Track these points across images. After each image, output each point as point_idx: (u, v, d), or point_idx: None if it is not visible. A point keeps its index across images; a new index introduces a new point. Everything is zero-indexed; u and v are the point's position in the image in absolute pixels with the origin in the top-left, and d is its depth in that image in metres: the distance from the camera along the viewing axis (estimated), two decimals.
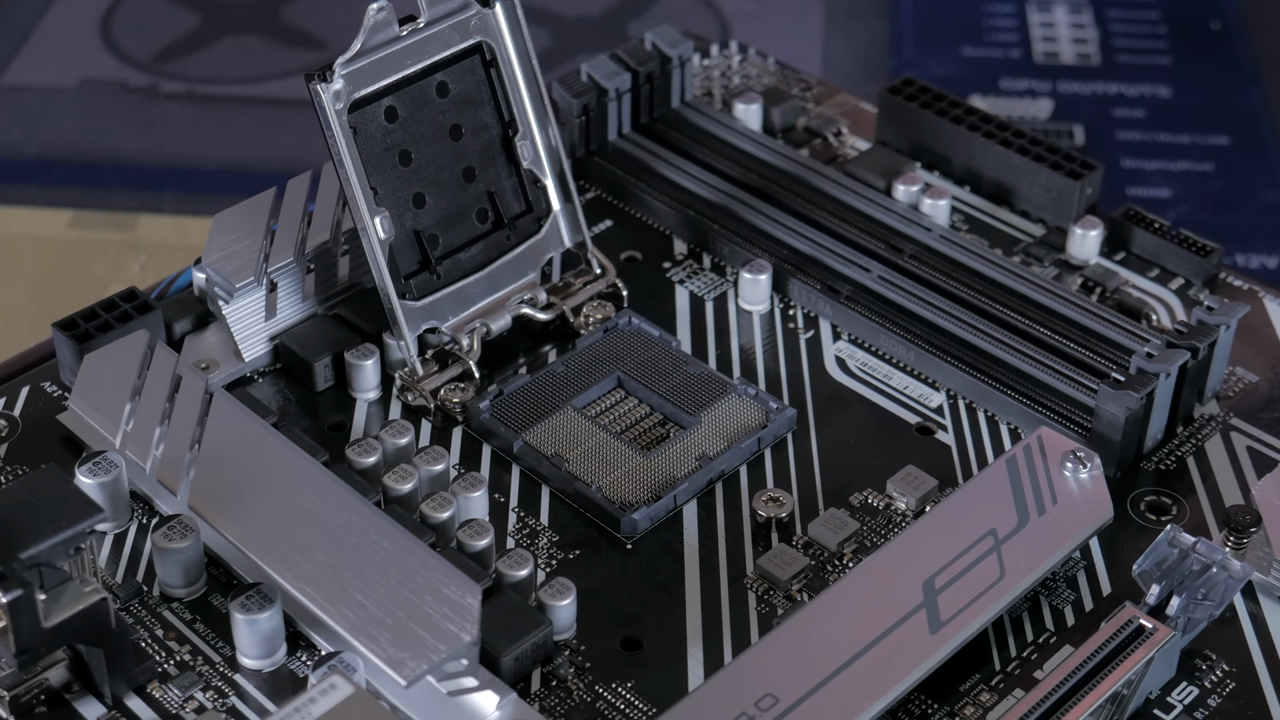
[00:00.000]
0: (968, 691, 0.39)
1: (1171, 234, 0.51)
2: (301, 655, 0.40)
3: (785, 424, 0.46)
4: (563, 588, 0.40)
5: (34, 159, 0.69)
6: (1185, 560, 0.40)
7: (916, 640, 0.38)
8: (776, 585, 0.42)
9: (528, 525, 0.43)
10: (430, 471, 0.43)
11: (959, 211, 0.53)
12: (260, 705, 0.39)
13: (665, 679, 0.40)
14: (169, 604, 0.41)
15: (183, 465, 0.42)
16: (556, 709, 0.39)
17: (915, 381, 0.48)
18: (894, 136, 0.56)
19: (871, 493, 0.44)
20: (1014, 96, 0.72)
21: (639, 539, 0.43)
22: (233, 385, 0.47)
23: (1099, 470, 0.42)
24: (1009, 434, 0.46)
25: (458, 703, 0.38)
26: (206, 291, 0.47)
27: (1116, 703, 0.38)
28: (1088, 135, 0.69)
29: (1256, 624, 0.41)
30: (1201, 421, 0.47)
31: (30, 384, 0.47)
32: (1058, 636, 0.41)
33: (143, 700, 0.39)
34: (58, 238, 0.65)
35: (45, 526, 0.36)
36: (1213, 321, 0.46)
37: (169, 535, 0.41)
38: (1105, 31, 0.76)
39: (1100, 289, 0.50)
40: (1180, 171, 0.67)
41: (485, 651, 0.38)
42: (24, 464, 0.44)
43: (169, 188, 0.68)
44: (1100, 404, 0.44)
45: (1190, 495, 0.45)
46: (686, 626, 0.41)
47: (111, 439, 0.43)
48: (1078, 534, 0.41)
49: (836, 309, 0.49)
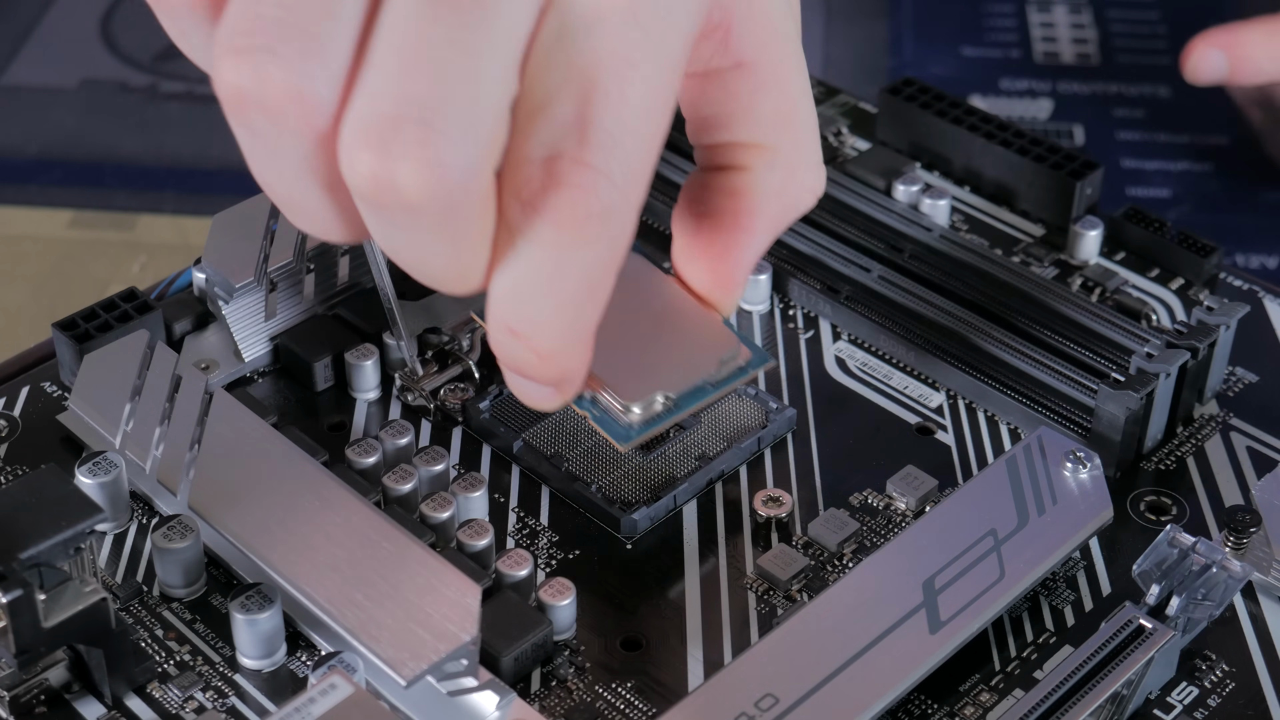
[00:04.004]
0: (968, 691, 0.39)
1: (1171, 234, 0.51)
2: (301, 655, 0.40)
3: (785, 424, 0.46)
4: (563, 588, 0.40)
5: (34, 159, 0.69)
6: (1185, 560, 0.40)
7: (916, 640, 0.38)
8: (776, 585, 0.42)
9: (528, 525, 0.43)
10: (430, 471, 0.43)
11: (959, 211, 0.53)
12: (260, 705, 0.39)
13: (665, 679, 0.40)
14: (169, 604, 0.41)
15: (183, 465, 0.42)
16: (556, 709, 0.39)
17: (915, 381, 0.48)
18: (894, 136, 0.56)
19: (871, 493, 0.44)
20: (1014, 96, 0.72)
21: (639, 539, 0.43)
22: (233, 385, 0.47)
23: (1099, 470, 0.42)
24: (1009, 434, 0.46)
25: (458, 703, 0.38)
26: (206, 291, 0.47)
27: (1116, 703, 0.38)
28: (1088, 135, 0.69)
29: (1256, 624, 0.41)
30: (1201, 421, 0.47)
31: (30, 384, 0.47)
32: (1058, 636, 0.41)
33: (143, 700, 0.39)
34: (58, 238, 0.65)
35: (45, 526, 0.37)
36: (1213, 321, 0.46)
37: (169, 535, 0.41)
38: (1105, 31, 0.76)
39: (1100, 289, 0.50)
40: (1180, 171, 0.67)
41: (485, 651, 0.38)
42: (24, 464, 0.44)
43: (169, 188, 0.68)
44: (1100, 404, 0.44)
45: (1190, 495, 0.45)
46: (686, 626, 0.41)
47: (111, 439, 0.43)
48: (1078, 534, 0.41)
49: (836, 309, 0.49)
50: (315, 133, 0.34)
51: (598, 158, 0.34)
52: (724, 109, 0.41)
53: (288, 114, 0.34)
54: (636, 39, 0.35)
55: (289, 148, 0.34)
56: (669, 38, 0.35)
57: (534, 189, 0.34)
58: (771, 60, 0.40)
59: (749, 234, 0.41)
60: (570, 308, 0.36)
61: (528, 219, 0.35)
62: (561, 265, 0.35)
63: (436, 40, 0.33)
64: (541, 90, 0.35)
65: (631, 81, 0.35)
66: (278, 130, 0.34)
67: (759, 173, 0.41)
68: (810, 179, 0.41)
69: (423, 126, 0.33)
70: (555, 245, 0.35)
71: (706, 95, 0.41)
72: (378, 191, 0.33)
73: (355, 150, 0.33)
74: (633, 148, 0.35)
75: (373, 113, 0.33)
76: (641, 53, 0.35)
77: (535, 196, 0.34)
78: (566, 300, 0.36)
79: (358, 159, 0.33)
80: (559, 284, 0.35)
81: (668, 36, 0.35)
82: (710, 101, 0.40)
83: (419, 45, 0.33)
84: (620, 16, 0.35)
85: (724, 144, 0.41)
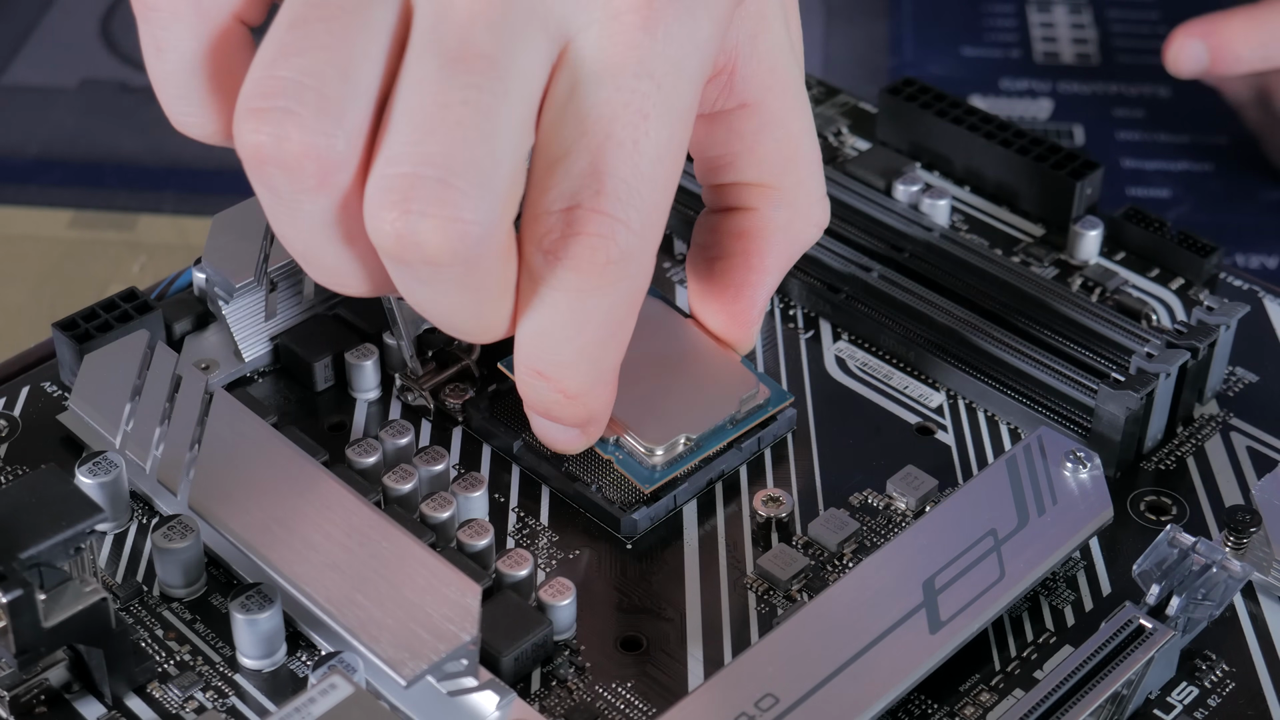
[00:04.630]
0: (968, 691, 0.39)
1: (1171, 234, 0.51)
2: (301, 655, 0.40)
3: (785, 424, 0.46)
4: (563, 588, 0.40)
5: (34, 159, 0.69)
6: (1185, 560, 0.40)
7: (916, 640, 0.38)
8: (776, 585, 0.42)
9: (528, 525, 0.43)
10: (430, 471, 0.43)
11: (959, 211, 0.53)
12: (260, 705, 0.39)
13: (665, 679, 0.40)
14: (169, 604, 0.41)
15: (183, 465, 0.42)
16: (556, 709, 0.39)
17: (915, 381, 0.48)
18: (894, 136, 0.56)
19: (871, 493, 0.44)
20: (1014, 96, 0.72)
21: (639, 539, 0.43)
22: (233, 385, 0.47)
23: (1099, 470, 0.42)
24: (1009, 434, 0.46)
25: (458, 703, 0.38)
26: (206, 291, 0.47)
27: (1116, 703, 0.38)
28: (1088, 135, 0.69)
29: (1256, 624, 0.41)
30: (1201, 421, 0.47)
31: (30, 384, 0.47)
32: (1058, 636, 0.41)
33: (143, 700, 0.39)
34: (58, 238, 0.65)
35: (45, 526, 0.37)
36: (1213, 321, 0.46)
37: (169, 535, 0.41)
38: (1105, 31, 0.76)
39: (1100, 289, 0.50)
40: (1180, 171, 0.67)
41: (485, 651, 0.38)
42: (24, 464, 0.44)
43: (169, 188, 0.68)
44: (1100, 404, 0.44)
45: (1190, 495, 0.45)
46: (686, 626, 0.41)
47: (111, 439, 0.43)
48: (1078, 534, 0.41)
49: (836, 309, 0.49)
50: (336, 190, 0.36)
51: (615, 207, 0.36)
52: (729, 149, 0.42)
53: (306, 171, 0.35)
54: (648, 91, 0.36)
55: (307, 204, 0.36)
56: (680, 87, 0.37)
57: (555, 238, 0.36)
58: (774, 100, 0.41)
59: (759, 274, 0.43)
60: (594, 348, 0.38)
61: (550, 267, 0.36)
62: (584, 309, 0.37)
63: (451, 101, 0.35)
64: (558, 143, 0.36)
65: (645, 132, 0.36)
66: (296, 188, 0.35)
67: (765, 213, 0.43)
68: (815, 214, 0.43)
69: (441, 185, 0.34)
70: (578, 290, 0.37)
71: (712, 136, 0.42)
72: (401, 249, 0.35)
73: (379, 209, 0.35)
74: (648, 194, 0.36)
75: (393, 173, 0.35)
76: (653, 104, 0.36)
77: (556, 245, 0.36)
78: (591, 342, 0.38)
79: (382, 218, 0.35)
80: (583, 327, 0.37)
81: (679, 86, 0.37)
82: (716, 142, 0.42)
83: (435, 106, 0.35)
84: (632, 70, 0.36)
85: (730, 184, 0.43)
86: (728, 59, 0.40)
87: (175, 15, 0.38)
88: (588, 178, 0.36)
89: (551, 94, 0.36)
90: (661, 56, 0.36)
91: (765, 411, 0.44)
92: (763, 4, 0.41)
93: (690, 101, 0.37)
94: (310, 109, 0.35)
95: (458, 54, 0.35)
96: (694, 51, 0.37)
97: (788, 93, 0.42)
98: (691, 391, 0.44)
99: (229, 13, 0.38)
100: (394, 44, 0.36)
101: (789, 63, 0.42)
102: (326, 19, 0.35)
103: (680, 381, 0.44)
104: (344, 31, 0.35)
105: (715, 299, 0.44)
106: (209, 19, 0.38)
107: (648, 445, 0.42)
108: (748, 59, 0.40)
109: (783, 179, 0.42)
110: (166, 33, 0.38)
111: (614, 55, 0.36)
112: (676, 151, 0.37)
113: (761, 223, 0.43)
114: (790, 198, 0.42)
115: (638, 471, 0.42)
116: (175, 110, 0.39)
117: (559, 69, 0.36)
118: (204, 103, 0.38)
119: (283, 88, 0.35)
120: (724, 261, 0.43)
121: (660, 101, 0.36)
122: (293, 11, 0.36)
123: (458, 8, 0.35)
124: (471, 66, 0.35)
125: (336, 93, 0.35)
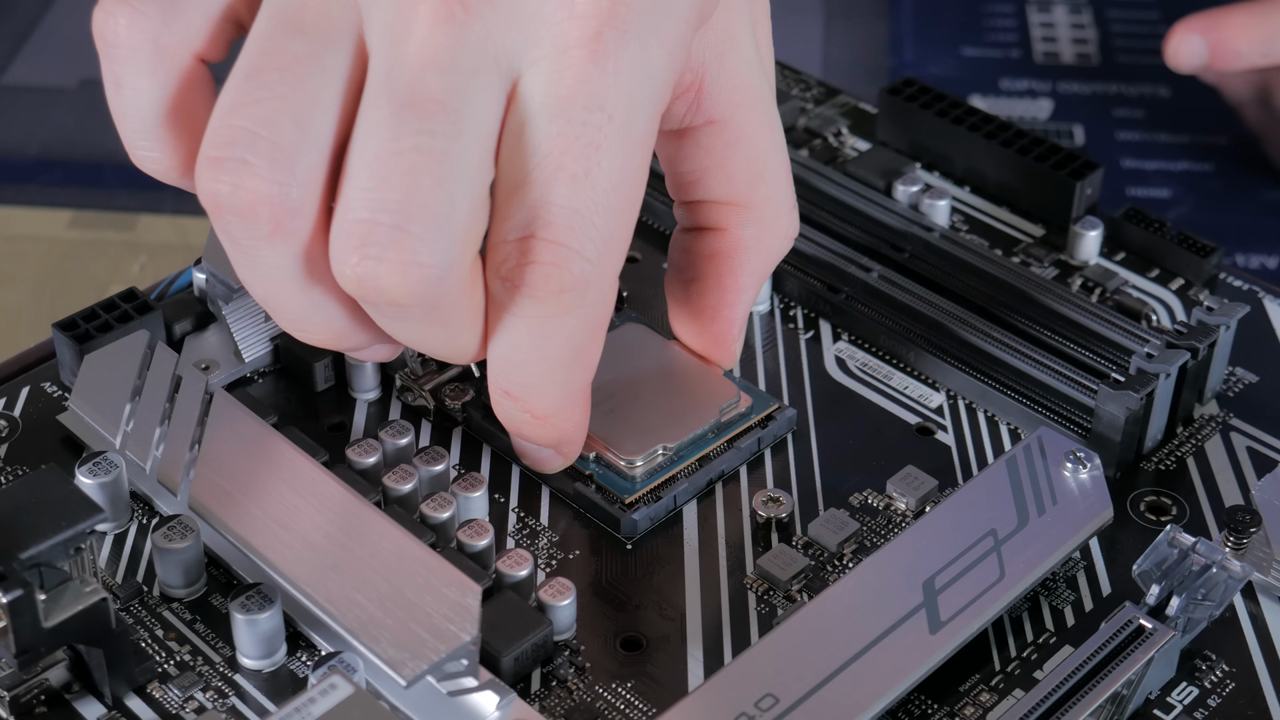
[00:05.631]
0: (968, 691, 0.39)
1: (1171, 234, 0.51)
2: (301, 655, 0.40)
3: (785, 424, 0.46)
4: (563, 588, 0.40)
5: (34, 159, 0.69)
6: (1185, 560, 0.40)
7: (916, 640, 0.38)
8: (776, 585, 0.42)
9: (528, 525, 0.43)
10: (430, 471, 0.43)
11: (959, 211, 0.53)
12: (260, 705, 0.39)
13: (665, 679, 0.40)
14: (169, 604, 0.41)
15: (183, 465, 0.42)
16: (556, 709, 0.39)
17: (915, 381, 0.48)
18: (894, 137, 0.56)
19: (871, 493, 0.44)
20: (1014, 96, 0.72)
21: (639, 539, 0.43)
22: (233, 385, 0.47)
23: (1099, 470, 0.42)
24: (1009, 434, 0.46)
25: (458, 703, 0.38)
26: (206, 291, 0.47)
27: (1116, 703, 0.38)
28: (1088, 135, 0.69)
29: (1256, 624, 0.41)
30: (1201, 421, 0.47)
31: (30, 384, 0.47)
32: (1058, 636, 0.41)
33: (143, 700, 0.39)
34: (58, 238, 0.65)
35: (45, 526, 0.37)
36: (1213, 321, 0.46)
37: (169, 535, 0.41)
38: (1105, 31, 0.76)
39: (1100, 289, 0.50)
40: (1180, 171, 0.67)
41: (485, 651, 0.38)
42: (24, 464, 0.44)
43: (169, 188, 0.68)
44: (1100, 404, 0.44)
45: (1190, 495, 0.45)
46: (686, 626, 0.41)
47: (111, 439, 0.43)
48: (1078, 534, 0.41)
49: (836, 309, 0.49)
50: (294, 237, 0.37)
51: (567, 236, 0.37)
52: (698, 164, 0.43)
53: (260, 219, 0.36)
54: (599, 123, 0.37)
55: (264, 251, 0.37)
56: (634, 117, 0.37)
57: (511, 266, 0.37)
58: (742, 117, 0.42)
59: (734, 294, 0.44)
60: (559, 371, 0.39)
61: (509, 294, 0.38)
62: (545, 334, 0.38)
63: (404, 148, 0.35)
64: (513, 175, 0.37)
65: (597, 163, 0.37)
66: (252, 235, 0.37)
67: (734, 233, 0.43)
68: (783, 226, 0.44)
69: (397, 231, 0.35)
70: (536, 316, 0.38)
71: (682, 152, 0.43)
72: (364, 292, 0.36)
73: (341, 254, 0.36)
74: (603, 224, 0.37)
75: (352, 219, 0.36)
76: (605, 135, 0.37)
77: (513, 273, 0.37)
78: (554, 364, 0.39)
79: (344, 262, 0.36)
80: (545, 351, 0.38)
81: (633, 116, 0.37)
82: (685, 158, 0.43)
83: (389, 153, 0.36)
84: (582, 103, 0.37)
85: (700, 202, 0.43)
86: (695, 76, 0.41)
87: (134, 52, 0.38)
88: (540, 208, 0.37)
89: (507, 127, 0.37)
90: (612, 89, 0.36)
91: (749, 419, 0.45)
92: (730, 22, 0.41)
93: (646, 129, 0.38)
94: (264, 159, 0.36)
95: (409, 100, 0.35)
96: (646, 80, 0.37)
97: (755, 109, 0.42)
98: (671, 406, 0.45)
99: (189, 51, 0.39)
100: (350, 89, 0.36)
101: (757, 80, 0.42)
102: (281, 68, 0.36)
103: (661, 398, 0.45)
104: (298, 81, 0.36)
105: (694, 322, 0.45)
106: (168, 57, 0.38)
107: (625, 458, 0.43)
108: (715, 76, 0.41)
109: (751, 196, 0.43)
110: (125, 69, 0.38)
111: (563, 90, 0.36)
112: (633, 179, 0.37)
113: (732, 243, 0.43)
114: (759, 214, 0.43)
115: (618, 484, 0.43)
116: (134, 147, 0.40)
117: (512, 103, 0.37)
118: (162, 140, 0.39)
119: (238, 138, 0.36)
120: (699, 284, 0.44)
121: (613, 133, 0.37)
122: (250, 60, 0.36)
123: (409, 53, 0.36)
124: (423, 111, 0.35)
125: (290, 142, 0.36)
